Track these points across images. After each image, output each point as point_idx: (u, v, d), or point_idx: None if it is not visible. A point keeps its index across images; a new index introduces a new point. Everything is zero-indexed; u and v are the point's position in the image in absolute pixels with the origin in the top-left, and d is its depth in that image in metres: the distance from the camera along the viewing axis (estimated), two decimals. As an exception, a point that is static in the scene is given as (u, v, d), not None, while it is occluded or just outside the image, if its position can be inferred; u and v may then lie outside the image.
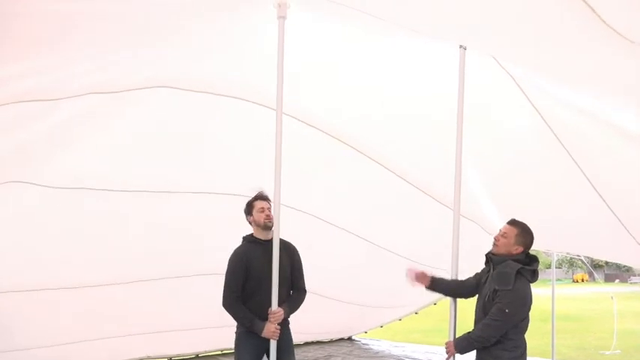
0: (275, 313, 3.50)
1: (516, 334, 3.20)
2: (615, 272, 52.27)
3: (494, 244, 3.40)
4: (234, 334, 3.78)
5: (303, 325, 9.19)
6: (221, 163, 5.37)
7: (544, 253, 10.62)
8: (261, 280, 3.60)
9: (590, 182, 4.86)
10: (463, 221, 3.80)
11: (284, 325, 3.70)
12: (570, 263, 52.89)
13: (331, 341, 10.23)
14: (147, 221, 5.71)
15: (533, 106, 4.32)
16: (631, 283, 46.17)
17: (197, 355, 8.50)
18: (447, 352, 3.35)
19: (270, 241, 3.61)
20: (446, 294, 3.60)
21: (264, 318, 3.55)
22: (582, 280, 49.80)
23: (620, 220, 5.21)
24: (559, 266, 52.05)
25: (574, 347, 10.80)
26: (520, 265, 3.23)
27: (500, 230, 3.41)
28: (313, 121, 5.08)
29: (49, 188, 4.79)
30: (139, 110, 4.52)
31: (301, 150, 5.00)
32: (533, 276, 3.31)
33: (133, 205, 5.44)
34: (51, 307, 6.08)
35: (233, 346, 3.81)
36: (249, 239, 3.84)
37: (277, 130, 3.52)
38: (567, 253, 13.07)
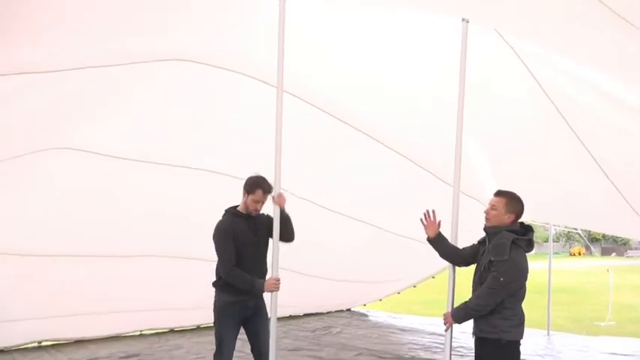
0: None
1: (513, 303, 3.23)
2: (612, 246, 52.62)
3: (486, 219, 3.43)
4: (214, 307, 3.95)
5: (304, 300, 9.41)
6: (226, 142, 5.41)
7: (542, 227, 10.69)
8: (245, 251, 3.83)
9: (592, 155, 4.87)
10: (463, 198, 3.81)
11: (261, 295, 3.93)
12: (567, 237, 53.18)
13: (330, 313, 10.38)
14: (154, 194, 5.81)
15: (535, 79, 4.30)
16: (627, 256, 46.55)
17: (198, 326, 8.64)
18: (445, 323, 3.42)
19: (251, 216, 3.93)
20: (441, 253, 3.59)
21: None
22: (579, 254, 50.17)
23: (620, 193, 5.23)
24: (556, 240, 52.35)
25: (570, 319, 10.96)
26: (514, 236, 3.25)
27: (489, 203, 3.43)
28: (313, 100, 5.08)
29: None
30: (155, 84, 4.61)
31: (303, 132, 5.02)
32: (529, 245, 3.33)
33: (148, 178, 5.56)
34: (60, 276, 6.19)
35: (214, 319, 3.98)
36: (232, 212, 3.96)
37: (278, 112, 3.51)
38: (565, 227, 13.18)
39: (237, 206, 3.99)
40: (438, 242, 3.57)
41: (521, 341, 3.32)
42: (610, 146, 4.86)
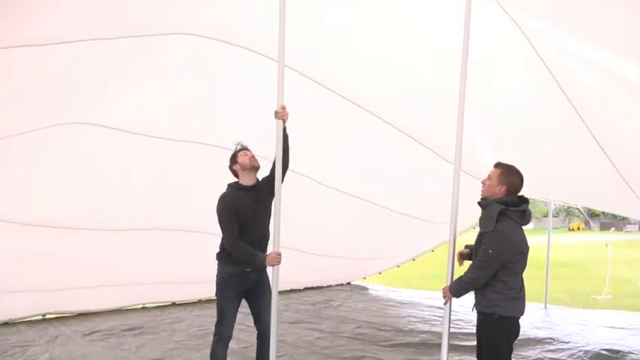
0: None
1: (507, 276, 3.20)
2: (611, 221, 52.81)
3: (482, 189, 3.44)
4: (216, 278, 4.02)
5: (304, 276, 9.50)
6: (228, 116, 5.40)
7: (542, 202, 10.72)
8: (248, 224, 3.87)
9: (593, 134, 4.86)
10: (463, 176, 3.81)
11: (263, 268, 3.94)
12: (567, 212, 53.38)
13: (330, 287, 10.50)
14: (157, 168, 5.83)
15: (538, 55, 4.26)
16: (626, 231, 46.79)
17: (199, 299, 8.75)
18: (444, 297, 3.45)
19: (254, 187, 3.97)
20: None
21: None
22: (578, 229, 50.40)
23: (619, 173, 5.24)
24: (556, 215, 52.53)
25: (567, 293, 11.07)
26: (502, 206, 3.21)
27: (488, 174, 3.43)
28: (314, 75, 5.05)
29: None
30: (166, 57, 4.63)
31: (304, 109, 5.00)
32: (523, 217, 3.28)
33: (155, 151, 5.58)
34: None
35: (215, 290, 4.03)
36: (234, 186, 4.01)
37: (279, 87, 3.49)
38: (565, 202, 13.22)
39: (238, 181, 4.03)
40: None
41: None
42: (611, 126, 4.85)
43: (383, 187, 7.12)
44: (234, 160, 4.01)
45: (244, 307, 4.02)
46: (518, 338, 5.73)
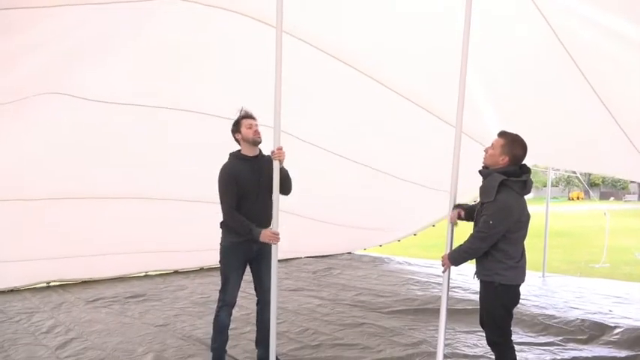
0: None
1: (507, 245, 3.21)
2: (610, 190, 53.00)
3: (484, 156, 3.41)
4: (220, 246, 4.01)
5: (306, 246, 9.55)
6: (224, 83, 5.34)
7: (541, 171, 10.72)
8: (248, 195, 3.85)
9: (597, 94, 4.80)
10: (466, 140, 3.78)
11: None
12: (567, 182, 53.48)
13: (331, 255, 10.60)
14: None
15: (542, 15, 4.19)
16: (625, 200, 47.00)
17: (201, 268, 8.85)
18: (443, 265, 3.47)
19: (256, 158, 3.95)
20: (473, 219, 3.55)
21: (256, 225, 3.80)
22: (578, 198, 50.61)
23: (624, 131, 5.20)
24: (556, 184, 52.66)
25: (565, 261, 11.16)
26: (503, 177, 3.19)
27: (492, 143, 3.40)
28: (310, 38, 4.98)
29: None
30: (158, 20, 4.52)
31: (299, 71, 4.93)
32: (524, 188, 3.27)
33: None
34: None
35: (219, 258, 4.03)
36: (236, 155, 3.98)
37: (277, 53, 3.44)
38: (566, 170, 13.19)
39: (240, 150, 4.01)
40: (468, 215, 3.49)
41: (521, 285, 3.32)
42: (617, 86, 4.78)
43: (386, 154, 7.10)
44: (237, 127, 3.95)
45: (245, 275, 4.06)
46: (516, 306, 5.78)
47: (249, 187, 3.86)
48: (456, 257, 3.36)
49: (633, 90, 4.66)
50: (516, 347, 4.59)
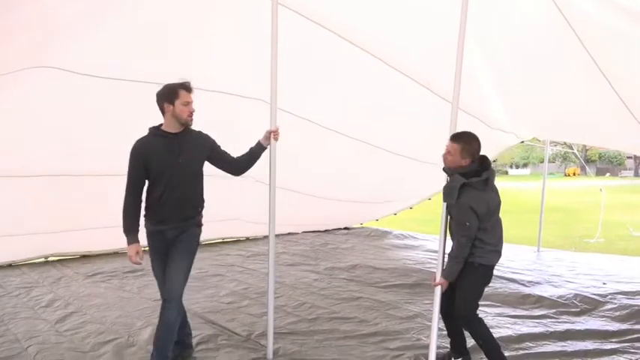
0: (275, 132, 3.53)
1: (482, 234, 3.32)
2: (607, 166, 53.16)
3: (443, 161, 3.48)
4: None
5: (302, 220, 9.56)
6: (217, 59, 5.28)
7: (538, 147, 10.71)
8: (162, 177, 3.33)
9: (599, 67, 4.78)
10: (463, 116, 3.77)
11: (189, 225, 3.55)
12: (564, 157, 53.58)
13: (328, 230, 10.67)
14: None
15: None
16: (621, 176, 47.20)
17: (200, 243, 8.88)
18: (438, 285, 3.41)
19: (177, 135, 3.36)
20: None
21: (175, 218, 3.42)
22: (574, 174, 50.76)
23: (626, 105, 5.19)
24: (552, 160, 52.80)
25: (560, 236, 11.25)
26: (463, 180, 3.29)
27: (446, 147, 3.43)
28: (309, 13, 4.92)
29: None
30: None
31: (297, 47, 4.88)
32: (485, 185, 3.34)
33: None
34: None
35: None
36: (153, 131, 3.41)
37: (273, 28, 3.39)
38: (563, 145, 13.19)
39: (161, 125, 3.41)
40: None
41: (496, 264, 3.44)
42: (620, 60, 4.75)
43: (383, 129, 7.09)
44: (171, 96, 3.31)
45: (242, 251, 4.07)
46: (510, 278, 5.88)
47: (164, 167, 3.31)
48: (449, 272, 3.41)
49: (635, 63, 4.64)
50: (509, 320, 4.70)
